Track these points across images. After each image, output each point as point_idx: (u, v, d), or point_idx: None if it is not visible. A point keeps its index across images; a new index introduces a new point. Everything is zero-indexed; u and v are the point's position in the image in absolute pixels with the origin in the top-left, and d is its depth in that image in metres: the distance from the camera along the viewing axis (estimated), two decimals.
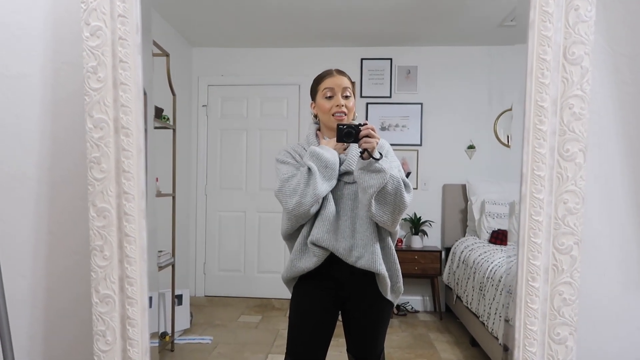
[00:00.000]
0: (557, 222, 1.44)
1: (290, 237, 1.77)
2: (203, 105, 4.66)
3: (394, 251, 1.75)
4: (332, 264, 1.70)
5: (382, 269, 1.67)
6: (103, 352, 1.48)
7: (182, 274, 4.25)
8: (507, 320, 1.68)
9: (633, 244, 1.69)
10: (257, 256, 4.64)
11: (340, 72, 1.78)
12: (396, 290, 1.76)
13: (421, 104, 4.52)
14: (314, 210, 1.65)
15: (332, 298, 1.74)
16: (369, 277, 1.71)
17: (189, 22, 4.04)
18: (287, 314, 1.82)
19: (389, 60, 4.54)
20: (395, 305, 1.81)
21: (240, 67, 4.63)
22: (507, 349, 1.60)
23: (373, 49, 4.53)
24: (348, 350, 1.83)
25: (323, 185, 1.64)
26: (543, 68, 1.38)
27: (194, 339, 3.47)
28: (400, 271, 1.76)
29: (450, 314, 4.21)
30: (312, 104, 1.83)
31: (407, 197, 1.60)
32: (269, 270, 4.58)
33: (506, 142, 4.43)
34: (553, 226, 1.44)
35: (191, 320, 3.74)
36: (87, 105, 1.47)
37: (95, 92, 1.45)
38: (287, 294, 1.82)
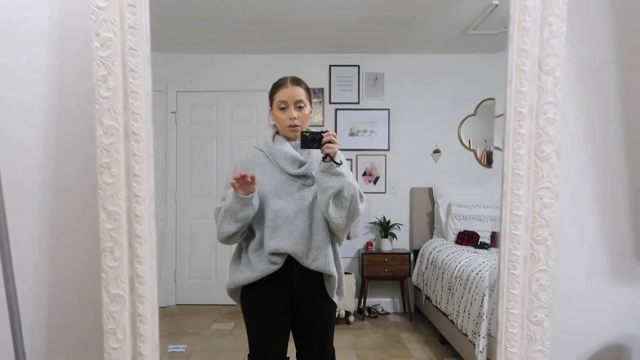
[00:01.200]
0: (534, 216, 1.60)
1: (231, 240, 1.89)
2: (172, 112, 4.60)
3: (340, 255, 1.86)
4: (286, 264, 1.78)
5: (333, 270, 1.77)
6: (113, 349, 1.54)
7: None
8: (490, 335, 1.83)
9: (595, 237, 1.88)
10: (228, 263, 4.56)
11: (295, 82, 1.82)
12: (340, 292, 1.86)
13: (388, 109, 4.61)
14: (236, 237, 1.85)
15: (283, 296, 1.81)
16: (319, 279, 1.80)
17: (156, 28, 4.01)
18: None
19: (357, 67, 4.61)
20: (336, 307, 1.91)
21: (209, 73, 4.60)
22: None
23: (341, 56, 4.59)
24: (299, 358, 1.88)
25: (230, 226, 1.81)
26: (521, 78, 1.54)
27: (167, 348, 3.43)
28: (343, 274, 1.88)
29: (419, 314, 4.24)
30: (270, 110, 1.89)
31: (361, 205, 1.73)
32: None
33: (469, 146, 4.59)
34: (531, 219, 1.61)
35: None
36: (97, 113, 1.52)
37: (105, 100, 1.51)
38: None
